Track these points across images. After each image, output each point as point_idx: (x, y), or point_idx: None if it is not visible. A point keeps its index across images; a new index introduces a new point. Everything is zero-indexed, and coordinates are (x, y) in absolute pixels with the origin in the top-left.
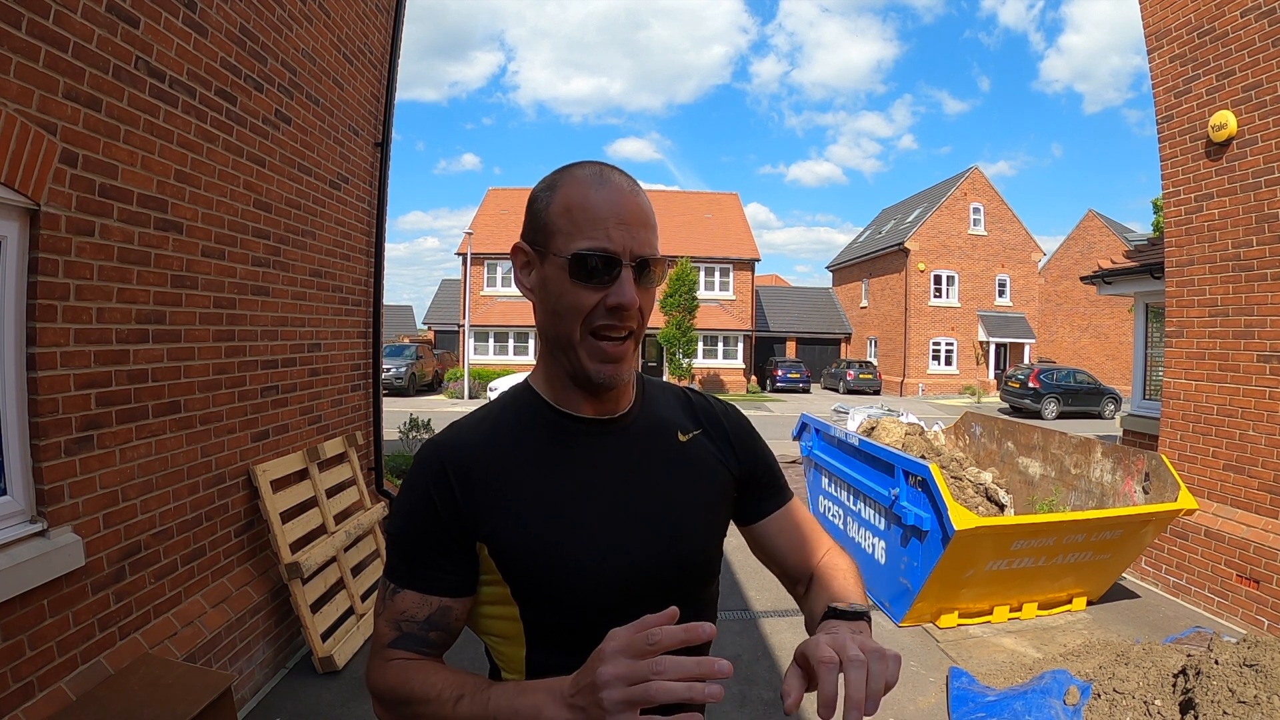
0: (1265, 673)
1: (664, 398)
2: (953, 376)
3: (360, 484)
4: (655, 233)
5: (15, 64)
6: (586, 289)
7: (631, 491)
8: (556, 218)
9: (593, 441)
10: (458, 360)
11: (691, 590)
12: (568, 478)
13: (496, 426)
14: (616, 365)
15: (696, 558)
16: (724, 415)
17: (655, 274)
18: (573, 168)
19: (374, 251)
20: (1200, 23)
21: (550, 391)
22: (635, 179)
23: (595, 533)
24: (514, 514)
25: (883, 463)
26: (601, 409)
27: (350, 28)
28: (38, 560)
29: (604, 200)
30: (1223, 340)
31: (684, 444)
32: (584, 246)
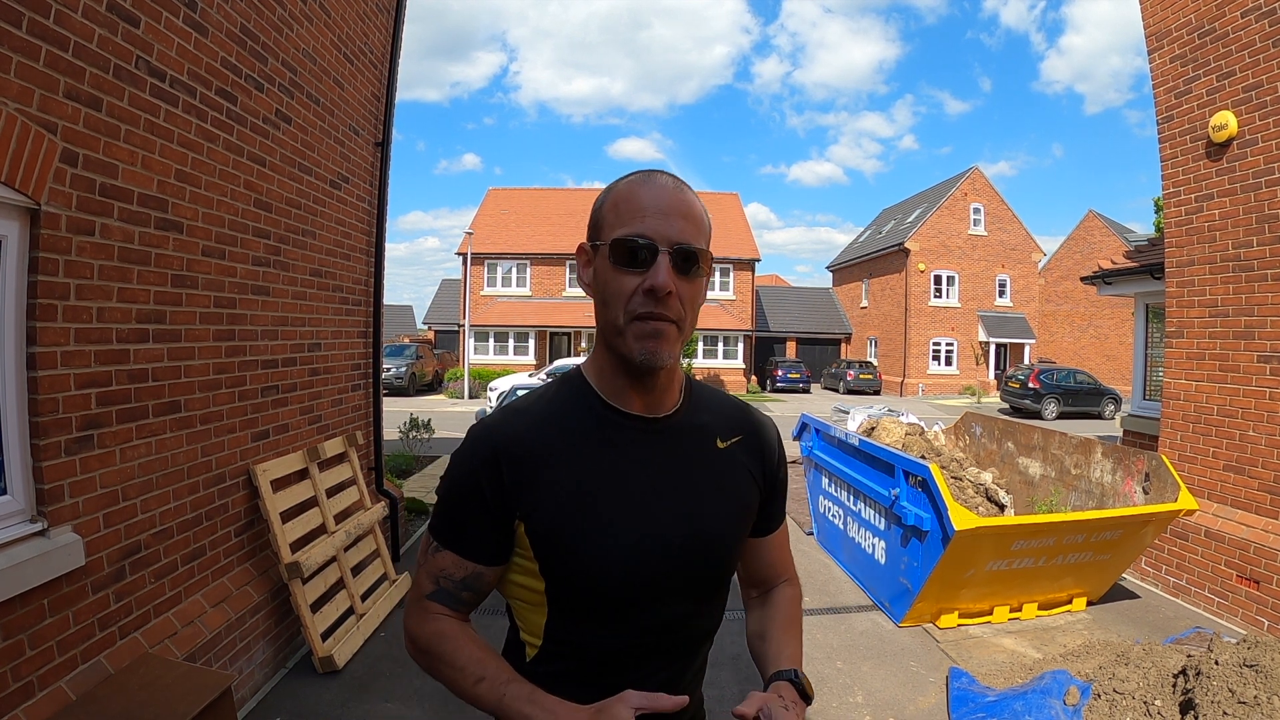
0: (1265, 673)
1: (712, 404)
2: (953, 377)
3: (360, 484)
4: (698, 226)
5: (16, 63)
6: (627, 274)
7: (664, 490)
8: (607, 213)
9: (635, 438)
10: (458, 360)
11: (708, 589)
12: (606, 471)
13: (548, 414)
14: (657, 341)
15: (718, 559)
16: (767, 437)
17: (699, 266)
18: (628, 174)
19: (374, 251)
20: (1200, 23)
21: (601, 383)
22: (684, 181)
23: (625, 526)
24: (552, 500)
25: (883, 463)
26: (648, 405)
27: (351, 27)
28: (38, 560)
29: (646, 194)
30: (1223, 341)
31: (721, 450)
32: (623, 233)
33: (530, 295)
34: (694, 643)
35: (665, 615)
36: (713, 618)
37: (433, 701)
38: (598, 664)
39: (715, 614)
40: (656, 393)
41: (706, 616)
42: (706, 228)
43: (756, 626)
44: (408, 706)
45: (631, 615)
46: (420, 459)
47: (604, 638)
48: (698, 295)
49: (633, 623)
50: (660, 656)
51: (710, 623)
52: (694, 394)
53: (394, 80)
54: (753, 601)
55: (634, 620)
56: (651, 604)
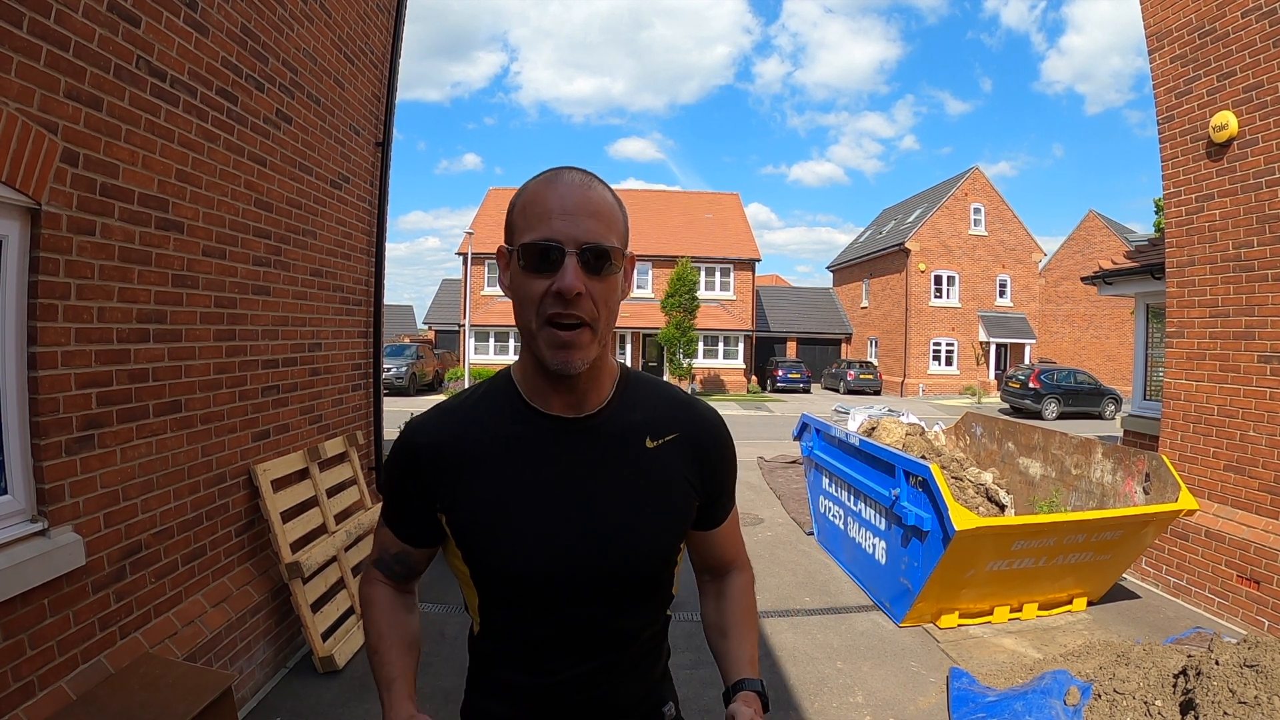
0: (1266, 673)
1: (649, 400)
2: (953, 377)
3: (361, 484)
4: (608, 223)
5: (16, 63)
6: (536, 278)
7: (574, 491)
8: (517, 217)
9: (552, 439)
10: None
11: (628, 592)
12: (520, 472)
13: (472, 414)
14: (569, 352)
15: (636, 563)
16: (707, 434)
17: (611, 264)
18: (540, 173)
19: (375, 251)
20: (1201, 23)
21: (524, 384)
22: (597, 176)
23: (531, 527)
24: (469, 498)
25: (883, 463)
26: (569, 405)
27: (351, 27)
28: (38, 559)
29: (552, 195)
30: (1223, 341)
31: (649, 450)
32: (530, 238)
33: None
34: (621, 638)
35: (578, 614)
36: (640, 617)
37: (433, 701)
38: (525, 648)
39: (644, 614)
40: (578, 393)
41: (630, 616)
42: (619, 223)
43: (714, 619)
44: None
45: (545, 610)
46: None
47: (527, 626)
48: (611, 293)
49: (549, 617)
50: (582, 649)
51: (637, 623)
52: (629, 391)
53: (394, 80)
54: (706, 587)
55: (549, 615)
56: (560, 603)
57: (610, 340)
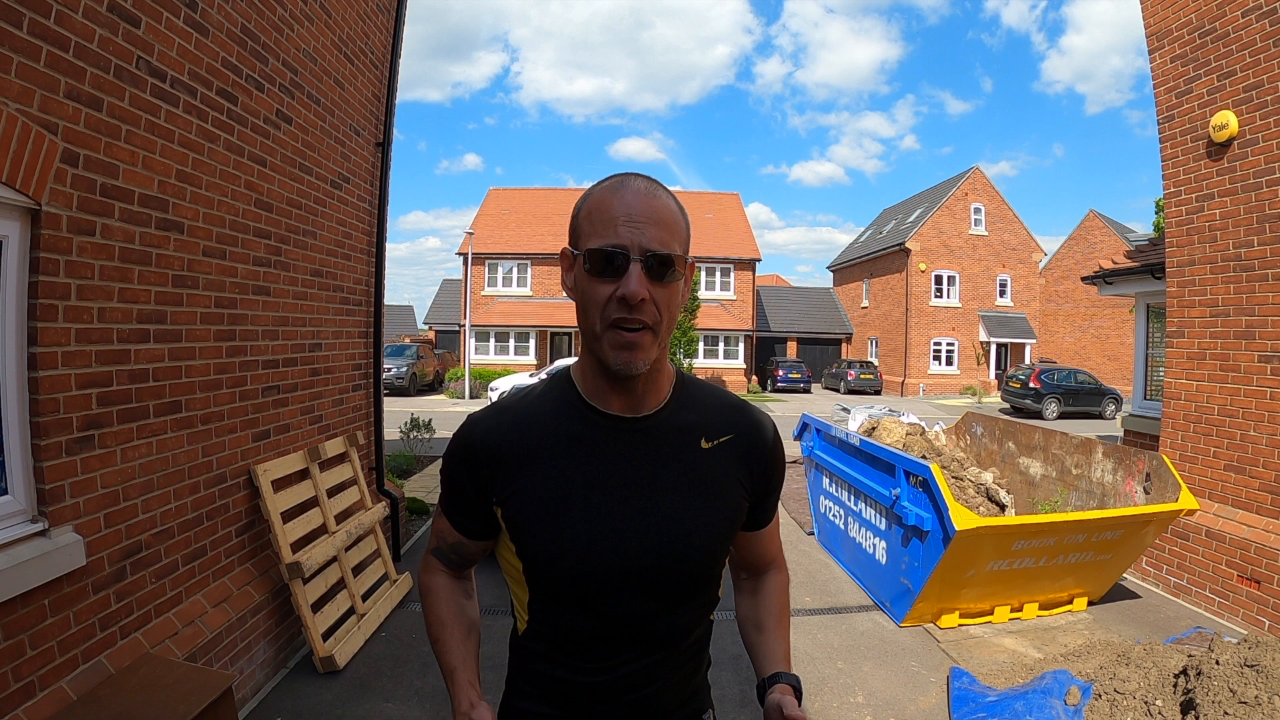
0: (1266, 673)
1: (704, 402)
2: (953, 377)
3: (361, 484)
4: (672, 231)
5: (17, 64)
6: (602, 283)
7: (637, 488)
8: (582, 222)
9: (610, 437)
10: (459, 360)
11: (679, 589)
12: (578, 468)
13: (530, 413)
14: (631, 353)
15: (689, 559)
16: (759, 437)
17: (674, 270)
18: (604, 179)
19: (375, 251)
20: (1201, 23)
21: (584, 384)
22: (662, 185)
23: (585, 522)
24: (526, 493)
25: (884, 463)
26: (628, 405)
27: (351, 27)
28: (39, 560)
29: (618, 202)
30: (1224, 340)
31: (704, 451)
32: (596, 244)
33: (531, 295)
34: (668, 638)
35: (629, 610)
36: (688, 615)
37: (433, 701)
38: (572, 646)
39: (691, 612)
40: (637, 394)
41: (679, 615)
42: (682, 230)
43: (750, 614)
44: (408, 706)
45: (596, 606)
46: (421, 459)
47: (575, 623)
48: (673, 298)
49: (599, 613)
50: (631, 648)
51: (686, 620)
52: (684, 393)
53: (395, 80)
54: (743, 584)
55: (600, 611)
56: (612, 599)
57: (669, 343)
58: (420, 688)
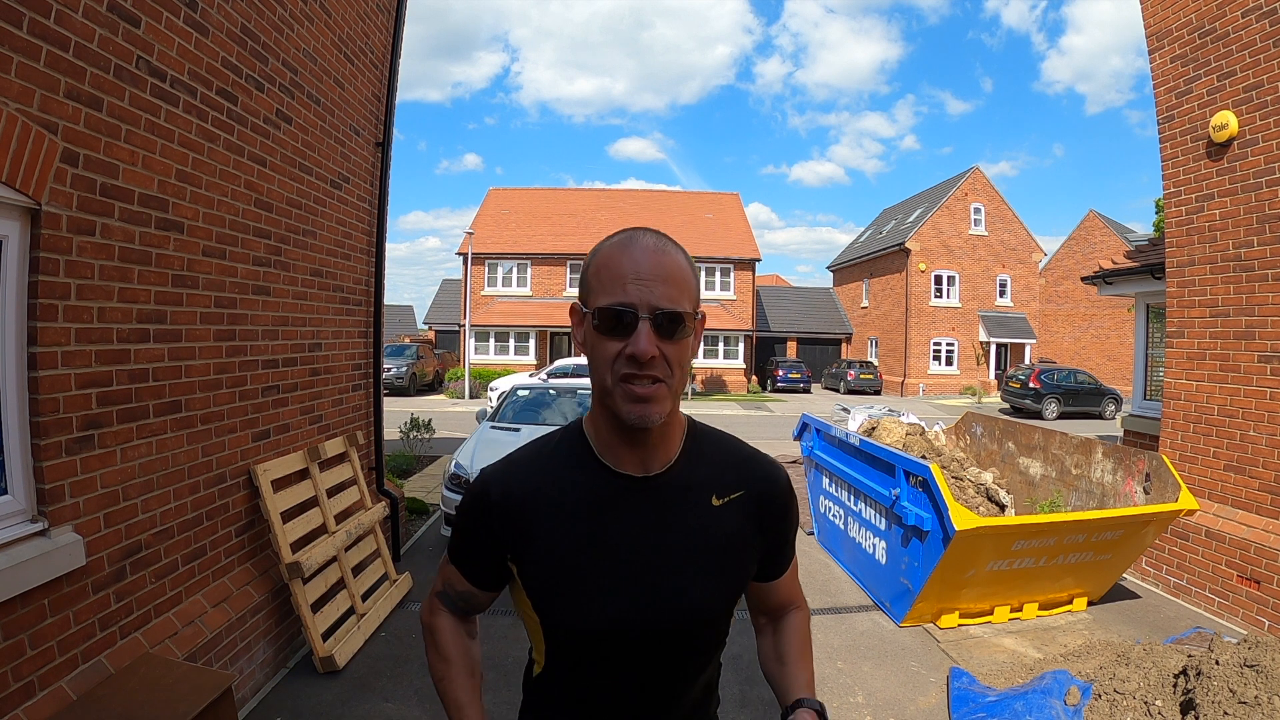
0: (1266, 673)
1: (714, 455)
2: (953, 377)
3: (361, 484)
4: (680, 287)
5: (17, 63)
6: (611, 340)
7: (645, 548)
8: (591, 278)
9: (622, 499)
10: (458, 360)
11: (684, 653)
12: (590, 528)
13: (544, 467)
14: (644, 405)
15: (695, 620)
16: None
17: (683, 327)
18: (614, 234)
19: (375, 251)
20: (1201, 23)
21: (597, 439)
22: (670, 240)
23: (598, 583)
24: (541, 552)
25: (884, 463)
26: (639, 460)
27: (351, 27)
28: (39, 560)
29: (626, 259)
30: (1224, 341)
31: (715, 509)
32: (605, 302)
33: (531, 295)
34: (677, 693)
35: (639, 671)
36: (699, 671)
37: (433, 701)
38: (583, 700)
39: (703, 667)
40: (649, 448)
41: (687, 671)
42: (691, 286)
43: (770, 651)
44: (408, 706)
45: (606, 664)
46: (421, 459)
47: (587, 676)
48: (684, 354)
49: (610, 670)
50: (638, 705)
51: (695, 674)
52: (695, 446)
53: (394, 80)
54: (762, 627)
55: (610, 668)
56: (623, 659)
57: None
58: (420, 688)
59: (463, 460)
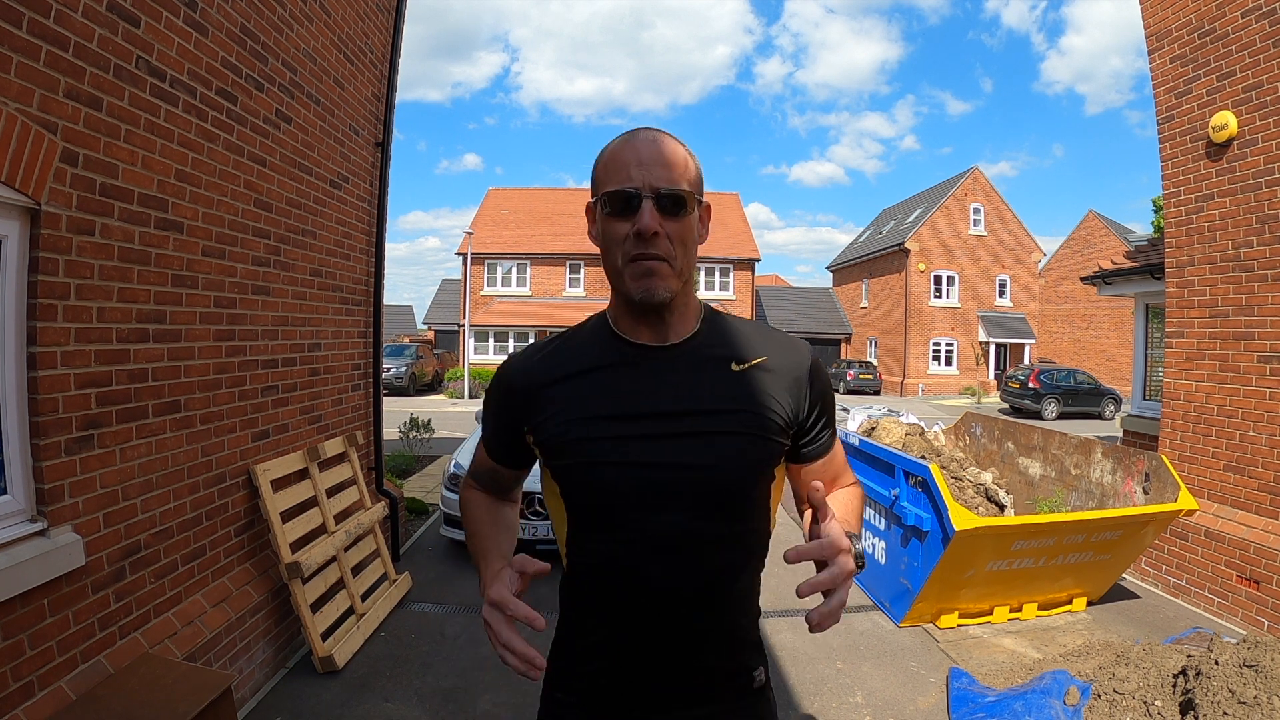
0: (1265, 673)
1: (735, 332)
2: (953, 377)
3: (360, 484)
4: (680, 171)
5: (16, 63)
6: (618, 221)
7: (662, 403)
8: (599, 172)
9: (639, 362)
10: (458, 360)
11: (713, 511)
12: (609, 390)
13: (563, 346)
14: (651, 280)
15: (720, 479)
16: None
17: (686, 206)
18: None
19: (374, 251)
20: (1201, 23)
21: (616, 319)
22: (668, 133)
23: (617, 438)
24: (555, 416)
25: (883, 463)
26: (657, 335)
27: (351, 27)
28: (38, 559)
29: (628, 149)
30: (1223, 341)
31: (735, 373)
32: (611, 187)
33: (530, 295)
34: (702, 558)
35: (662, 527)
36: (721, 533)
37: (433, 701)
38: (605, 568)
39: (725, 531)
40: (665, 325)
41: (712, 531)
42: (691, 170)
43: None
44: (408, 706)
45: (631, 525)
46: (420, 459)
47: (608, 544)
48: (688, 233)
49: (635, 533)
50: (661, 565)
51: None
52: (714, 325)
53: (394, 80)
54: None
55: (635, 530)
56: (645, 515)
57: (692, 278)
58: (420, 688)
59: (462, 460)
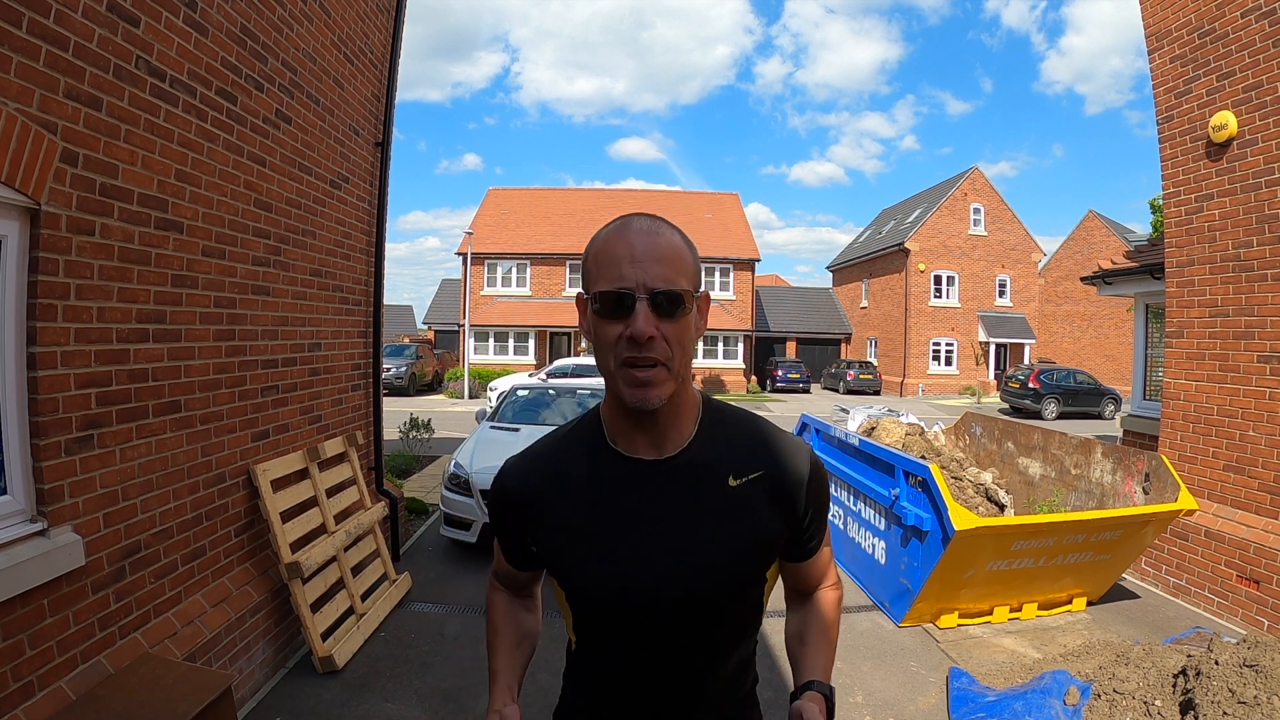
0: (1265, 673)
1: (733, 435)
2: (953, 377)
3: (360, 484)
4: (677, 267)
5: (16, 63)
6: (611, 323)
7: (658, 519)
8: (591, 266)
9: (634, 482)
10: (458, 360)
11: (709, 618)
12: (602, 500)
13: (558, 455)
14: (645, 390)
15: (706, 587)
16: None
17: (682, 306)
18: (610, 222)
19: (374, 251)
20: (1200, 23)
21: (610, 426)
22: (665, 222)
23: (617, 553)
24: (553, 533)
25: (883, 463)
26: (652, 442)
27: (351, 27)
28: (38, 560)
29: (621, 243)
30: (1223, 341)
31: (732, 489)
32: (602, 286)
33: (530, 295)
34: (697, 660)
35: (660, 637)
36: (716, 638)
37: (432, 701)
38: (613, 668)
39: (720, 634)
40: (659, 430)
41: (707, 636)
42: (689, 265)
43: (796, 627)
44: (408, 706)
45: (630, 633)
46: (420, 459)
47: (613, 649)
48: (684, 333)
49: (634, 639)
50: (659, 667)
51: (723, 646)
52: (711, 426)
53: (394, 80)
54: (793, 602)
55: (635, 637)
56: (643, 626)
57: (689, 376)
58: (420, 688)
59: (462, 460)
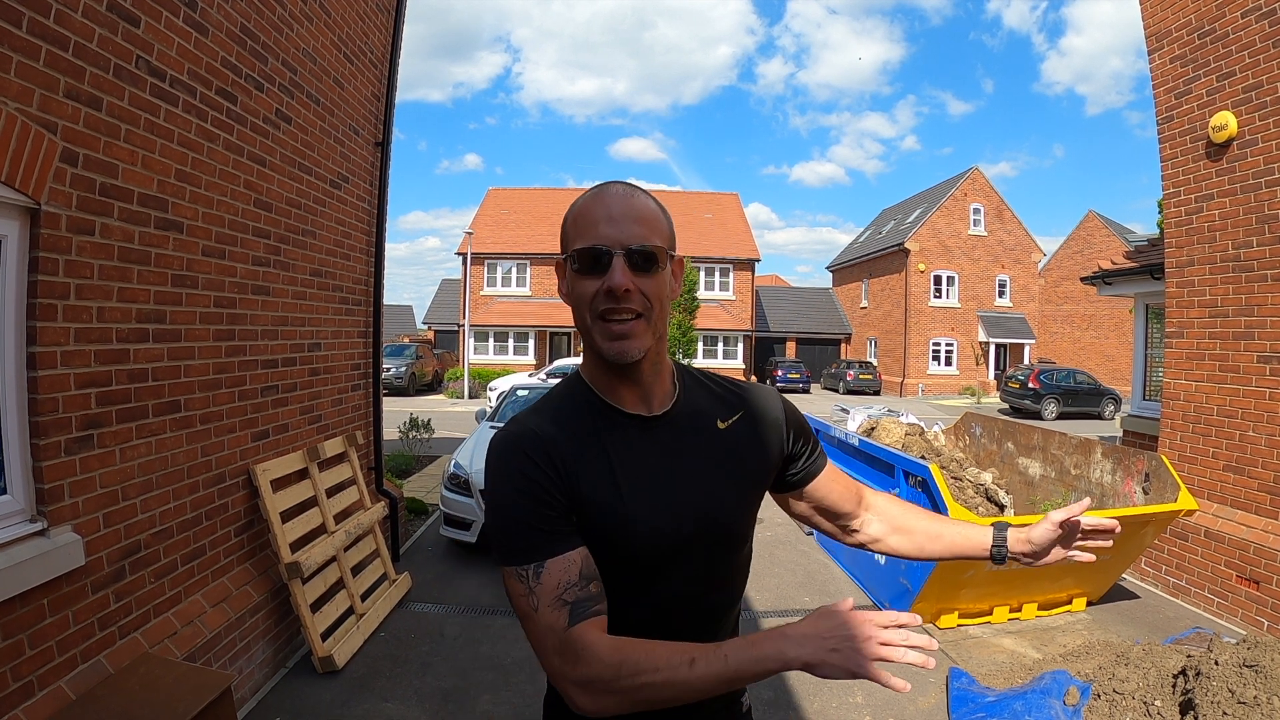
0: (1265, 673)
1: (707, 388)
2: (953, 377)
3: (360, 484)
4: (651, 226)
5: (16, 63)
6: (588, 279)
7: (676, 474)
8: (569, 229)
9: (639, 435)
10: (458, 360)
11: (724, 555)
12: (622, 462)
13: (559, 415)
14: (623, 341)
15: (730, 529)
16: (767, 405)
17: (656, 262)
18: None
19: (374, 251)
20: (1200, 24)
21: (596, 382)
22: (640, 187)
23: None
24: (588, 485)
25: (883, 463)
26: (640, 397)
27: (351, 27)
28: (38, 559)
29: (598, 205)
30: (1223, 341)
31: (722, 430)
32: (581, 244)
33: (530, 295)
34: (715, 616)
35: (683, 589)
36: (729, 592)
37: (432, 701)
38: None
39: (732, 588)
40: (644, 384)
41: (725, 571)
42: (663, 226)
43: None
44: (407, 706)
45: (651, 586)
46: (420, 459)
47: (633, 608)
48: (660, 288)
49: (655, 594)
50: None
51: (727, 597)
52: (688, 385)
53: (394, 80)
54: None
55: (656, 591)
56: (664, 575)
57: (665, 334)
58: (419, 688)
59: (462, 460)
